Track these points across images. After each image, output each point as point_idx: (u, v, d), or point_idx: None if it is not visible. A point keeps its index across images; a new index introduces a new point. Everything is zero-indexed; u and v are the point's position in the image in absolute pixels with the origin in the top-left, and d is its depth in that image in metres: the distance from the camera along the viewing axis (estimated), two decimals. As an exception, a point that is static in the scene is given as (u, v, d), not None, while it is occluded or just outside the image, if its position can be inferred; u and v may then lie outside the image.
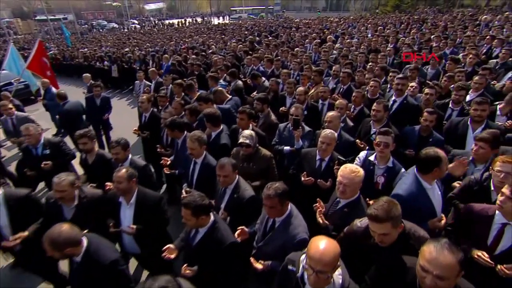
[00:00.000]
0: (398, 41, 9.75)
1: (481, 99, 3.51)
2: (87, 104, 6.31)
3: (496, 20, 14.04)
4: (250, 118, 3.87)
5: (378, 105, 3.70)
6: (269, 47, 9.64)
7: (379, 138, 2.89)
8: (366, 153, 3.16)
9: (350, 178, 2.31)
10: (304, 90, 4.72)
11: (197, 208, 2.24)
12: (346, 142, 3.64)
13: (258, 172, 3.32)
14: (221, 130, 3.91)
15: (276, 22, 23.11)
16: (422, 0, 43.63)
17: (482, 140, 2.85)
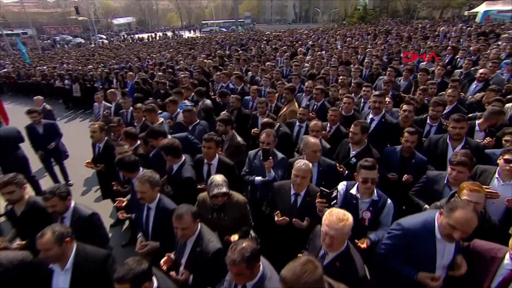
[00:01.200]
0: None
1: (459, 116, 3.33)
2: (29, 133, 5.49)
3: (453, 31, 14.83)
4: (218, 146, 3.43)
5: (355, 127, 3.40)
6: (239, 61, 9.32)
7: (364, 174, 2.53)
8: (346, 185, 2.79)
9: (338, 229, 1.91)
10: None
11: (135, 279, 1.72)
12: (327, 167, 3.29)
13: (231, 223, 2.78)
14: (183, 161, 3.41)
15: (246, 35, 23.11)
16: (384, 13, 46.35)
17: (460, 164, 2.62)
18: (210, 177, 2.73)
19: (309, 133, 3.84)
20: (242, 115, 5.21)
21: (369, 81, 6.97)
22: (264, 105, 4.73)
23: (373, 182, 2.52)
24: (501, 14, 25.07)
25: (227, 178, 2.79)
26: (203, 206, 2.87)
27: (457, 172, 2.62)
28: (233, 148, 4.04)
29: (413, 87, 6.10)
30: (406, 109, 3.77)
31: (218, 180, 2.67)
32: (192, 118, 4.47)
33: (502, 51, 8.51)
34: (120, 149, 3.60)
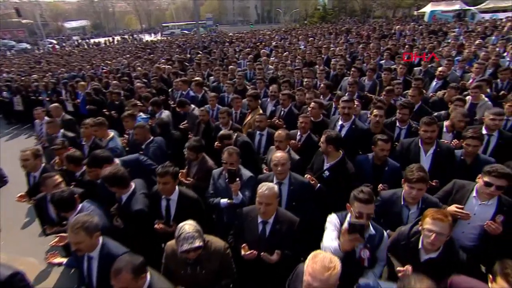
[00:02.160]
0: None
1: (429, 119, 3.21)
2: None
3: (407, 30, 15.54)
4: (177, 179, 2.91)
5: (324, 136, 3.14)
6: (200, 66, 8.81)
7: (359, 208, 2.11)
8: (338, 218, 2.30)
9: (323, 280, 1.55)
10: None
11: None
12: (300, 185, 2.96)
13: (210, 277, 2.27)
14: (132, 191, 2.91)
15: (209, 37, 22.50)
16: (343, 12, 48.16)
17: (420, 181, 2.38)
18: (178, 226, 2.16)
19: (274, 143, 3.55)
20: (212, 129, 4.77)
21: (334, 82, 6.88)
22: (225, 114, 4.34)
23: (369, 217, 2.15)
24: (444, 14, 27.07)
25: (191, 213, 2.36)
26: (172, 259, 2.30)
27: (417, 190, 2.39)
28: (203, 173, 3.56)
29: (378, 87, 6.07)
30: (377, 114, 3.60)
31: (189, 231, 2.09)
32: (144, 135, 3.94)
33: (452, 49, 8.93)
34: (49, 182, 2.97)
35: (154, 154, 3.68)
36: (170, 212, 2.87)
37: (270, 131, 4.25)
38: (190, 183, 3.44)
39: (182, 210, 2.72)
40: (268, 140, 4.19)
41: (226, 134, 3.95)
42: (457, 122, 3.70)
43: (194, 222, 2.17)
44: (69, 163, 3.58)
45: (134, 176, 3.18)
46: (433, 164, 3.19)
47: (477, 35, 11.34)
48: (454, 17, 25.54)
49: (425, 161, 3.26)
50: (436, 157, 3.20)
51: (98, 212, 2.64)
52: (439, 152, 3.23)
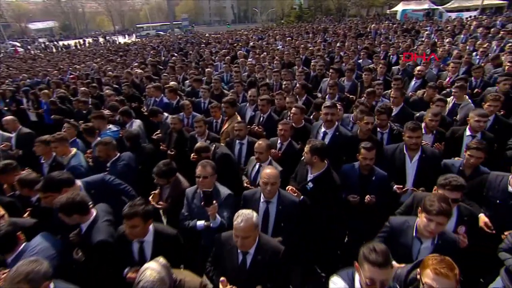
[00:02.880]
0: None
1: (414, 124, 3.07)
2: None
3: (382, 29, 15.81)
4: (148, 220, 2.36)
5: (308, 146, 2.91)
6: (175, 69, 8.38)
7: (371, 272, 1.64)
8: (344, 282, 1.83)
9: None
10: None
11: None
12: (290, 205, 2.69)
13: None
14: (93, 218, 2.54)
15: (184, 38, 21.86)
16: (319, 11, 48.77)
17: (443, 214, 2.00)
18: (140, 271, 1.79)
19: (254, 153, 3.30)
20: (185, 139, 4.43)
21: (313, 83, 6.73)
22: (201, 123, 4.03)
23: (383, 285, 1.64)
24: (415, 12, 28.01)
25: (169, 252, 2.05)
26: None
27: (436, 224, 2.01)
28: (177, 197, 3.21)
29: (359, 87, 5.96)
30: (368, 122, 3.40)
31: (149, 279, 1.69)
32: (107, 152, 3.50)
33: (427, 47, 9.07)
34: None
35: (121, 172, 3.29)
36: (145, 256, 2.37)
37: (250, 140, 3.99)
38: (163, 207, 3.11)
39: (159, 252, 2.15)
40: (248, 150, 3.93)
41: (204, 146, 3.66)
42: (428, 121, 3.65)
43: (160, 263, 1.81)
44: (22, 187, 3.13)
45: (100, 199, 2.81)
46: (418, 170, 3.08)
47: (449, 34, 11.66)
48: (424, 15, 26.45)
49: (411, 167, 3.15)
50: (422, 163, 3.09)
51: (48, 252, 2.24)
52: (425, 158, 3.12)
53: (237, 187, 3.55)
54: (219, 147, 3.79)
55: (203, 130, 4.09)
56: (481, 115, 3.48)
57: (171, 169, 3.11)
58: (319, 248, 3.30)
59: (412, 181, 3.10)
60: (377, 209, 2.96)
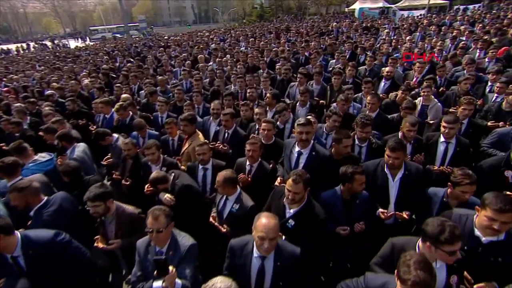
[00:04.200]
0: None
1: (394, 144, 2.72)
2: None
3: (344, 27, 15.98)
4: None
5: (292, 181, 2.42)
6: (128, 78, 7.51)
7: None
8: None
9: None
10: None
11: None
12: (290, 257, 2.16)
13: None
14: None
15: (141, 41, 20.49)
16: (280, 10, 49.16)
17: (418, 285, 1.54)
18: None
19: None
20: (142, 165, 3.76)
21: (280, 88, 6.32)
22: (153, 150, 3.41)
23: None
24: (371, 11, 29.11)
25: None
26: None
27: None
28: (125, 227, 2.69)
29: (328, 91, 5.67)
30: (347, 145, 2.99)
31: None
32: (27, 200, 2.66)
33: (389, 45, 9.14)
34: None
35: (49, 223, 2.56)
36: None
37: (216, 164, 3.47)
38: (114, 247, 2.58)
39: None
40: (214, 175, 3.38)
41: (160, 176, 3.09)
42: (406, 132, 3.41)
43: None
44: None
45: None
46: (401, 190, 2.79)
47: (407, 31, 11.98)
48: (379, 13, 27.57)
49: (393, 186, 2.85)
50: (405, 182, 2.79)
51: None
52: (408, 176, 2.81)
53: (203, 221, 3.05)
54: (179, 176, 3.21)
55: (156, 157, 3.48)
56: (448, 122, 3.31)
57: (105, 193, 2.64)
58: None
59: (394, 201, 2.81)
60: (365, 233, 2.62)
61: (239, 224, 2.80)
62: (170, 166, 3.47)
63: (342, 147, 2.93)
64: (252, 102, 5.04)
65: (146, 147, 3.44)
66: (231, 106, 4.93)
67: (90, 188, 2.68)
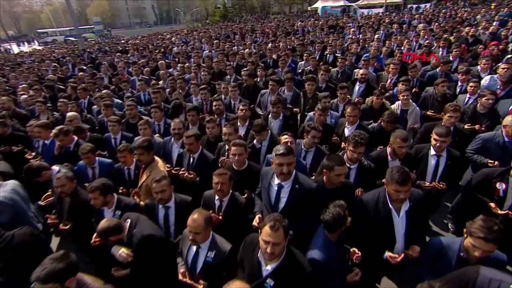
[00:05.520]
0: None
1: (404, 177, 2.22)
2: None
3: (309, 26, 15.85)
4: None
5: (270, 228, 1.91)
6: (76, 91, 6.54)
7: None
8: None
9: None
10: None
11: None
12: None
13: None
14: None
15: (96, 46, 18.84)
16: (243, 9, 48.68)
17: None
18: None
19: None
20: (83, 205, 3.03)
21: (248, 96, 5.81)
22: (97, 194, 2.71)
23: None
24: (333, 9, 29.69)
25: None
26: None
27: None
28: None
29: (302, 98, 5.26)
30: (339, 173, 2.47)
31: None
32: None
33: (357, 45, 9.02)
34: None
35: None
36: None
37: (180, 201, 2.87)
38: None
39: None
40: (178, 215, 2.83)
41: (112, 226, 2.44)
42: (397, 148, 3.08)
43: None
44: None
45: None
46: (408, 225, 2.35)
47: (372, 30, 12.05)
48: (341, 12, 28.18)
49: (399, 223, 2.38)
50: (412, 216, 2.36)
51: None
52: (414, 208, 2.37)
53: (168, 272, 2.47)
54: (137, 222, 2.56)
55: (101, 202, 2.78)
56: (440, 135, 3.03)
57: (66, 268, 1.90)
58: None
59: (402, 240, 2.37)
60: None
61: (218, 275, 2.28)
62: (125, 209, 2.80)
63: (334, 175, 2.47)
64: (219, 116, 4.48)
65: (89, 190, 2.73)
66: (195, 123, 4.32)
67: (44, 261, 1.90)
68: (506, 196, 2.82)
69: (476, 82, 4.74)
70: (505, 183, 2.83)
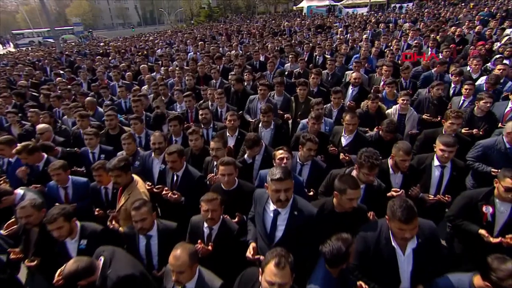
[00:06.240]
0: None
1: (412, 213, 1.93)
2: None
3: (296, 26, 15.66)
4: None
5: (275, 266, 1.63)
6: (50, 99, 6.03)
7: None
8: None
9: None
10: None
11: None
12: None
13: None
14: None
15: (75, 49, 17.99)
16: (228, 9, 48.22)
17: None
18: None
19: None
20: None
21: (234, 103, 5.50)
22: (60, 221, 2.34)
23: None
24: (319, 8, 29.75)
25: None
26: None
27: None
28: None
29: (293, 104, 4.99)
30: (352, 198, 2.17)
31: None
32: None
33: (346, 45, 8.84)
34: None
35: None
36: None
37: (163, 228, 2.53)
38: None
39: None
40: (162, 244, 2.50)
41: (80, 269, 2.07)
42: (400, 161, 2.84)
43: None
44: None
45: None
46: (415, 265, 2.05)
47: (360, 30, 11.96)
48: (327, 11, 28.25)
49: (404, 262, 2.08)
50: (419, 255, 2.06)
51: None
52: (422, 245, 2.06)
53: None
54: (111, 260, 2.19)
55: (67, 231, 2.40)
56: (448, 144, 2.81)
57: None
58: None
59: (408, 280, 2.08)
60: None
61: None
62: (93, 237, 2.43)
63: (346, 199, 2.19)
64: (206, 126, 4.15)
65: (46, 221, 2.33)
66: (178, 134, 3.97)
67: None
68: (494, 220, 2.53)
69: (471, 85, 4.60)
70: (492, 206, 2.53)
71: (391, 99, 4.80)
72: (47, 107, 6.18)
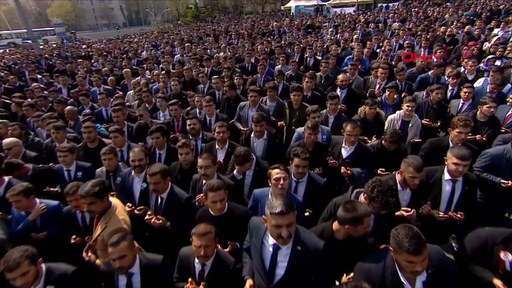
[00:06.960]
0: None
1: (420, 245, 1.66)
2: None
3: (285, 26, 15.40)
4: None
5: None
6: (22, 107, 5.53)
7: None
8: None
9: None
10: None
11: None
12: None
13: None
14: None
15: (55, 51, 17.18)
16: (216, 9, 47.67)
17: None
18: None
19: None
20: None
21: (224, 110, 5.18)
22: (25, 265, 1.94)
23: None
24: (307, 8, 29.64)
25: None
26: None
27: None
28: None
29: (287, 110, 4.70)
30: (368, 224, 1.90)
31: None
32: None
33: (337, 46, 8.65)
34: None
35: None
36: None
37: (146, 263, 2.19)
38: None
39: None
40: (145, 282, 2.14)
41: None
42: (409, 178, 2.58)
43: None
44: None
45: None
46: None
47: (350, 30, 11.80)
48: (315, 11, 28.18)
49: None
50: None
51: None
52: (432, 279, 1.79)
53: None
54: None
55: (33, 275, 2.01)
56: (463, 158, 2.57)
57: None
58: None
59: None
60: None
61: None
62: (61, 282, 2.06)
63: (361, 228, 1.89)
64: (195, 137, 3.81)
65: (7, 268, 1.95)
66: (162, 146, 3.61)
67: None
68: None
69: (471, 88, 4.43)
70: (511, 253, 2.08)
71: (391, 104, 4.58)
72: (19, 117, 5.70)
